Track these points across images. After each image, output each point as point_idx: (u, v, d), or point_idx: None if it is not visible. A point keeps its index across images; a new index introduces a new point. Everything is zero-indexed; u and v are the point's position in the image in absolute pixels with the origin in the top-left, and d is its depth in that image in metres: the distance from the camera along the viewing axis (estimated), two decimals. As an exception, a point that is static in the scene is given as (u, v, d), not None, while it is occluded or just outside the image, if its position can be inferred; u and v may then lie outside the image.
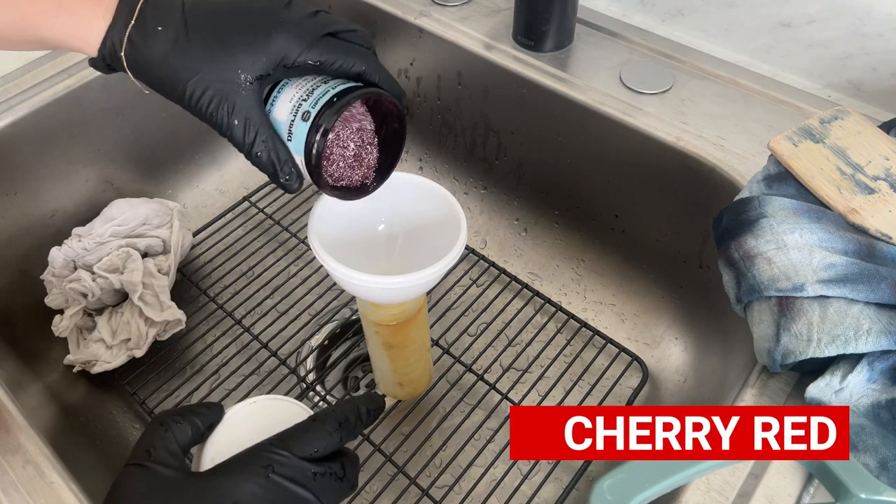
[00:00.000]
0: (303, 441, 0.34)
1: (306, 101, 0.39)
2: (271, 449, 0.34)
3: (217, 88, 0.38)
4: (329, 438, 0.35)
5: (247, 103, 0.38)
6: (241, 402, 0.39)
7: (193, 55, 0.38)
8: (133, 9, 0.38)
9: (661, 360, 0.67)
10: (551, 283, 0.75)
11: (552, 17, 0.66)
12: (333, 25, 0.40)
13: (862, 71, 0.61)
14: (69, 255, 0.67)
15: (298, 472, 0.33)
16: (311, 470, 0.34)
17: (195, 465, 0.36)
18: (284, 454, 0.33)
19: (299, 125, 0.39)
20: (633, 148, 0.63)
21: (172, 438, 0.34)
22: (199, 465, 0.36)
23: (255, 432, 0.35)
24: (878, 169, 0.47)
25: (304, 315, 0.71)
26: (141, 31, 0.38)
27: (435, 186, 0.49)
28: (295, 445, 0.34)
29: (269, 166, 0.39)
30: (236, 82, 0.38)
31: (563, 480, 0.60)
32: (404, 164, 0.84)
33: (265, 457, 0.33)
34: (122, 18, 0.38)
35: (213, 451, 0.36)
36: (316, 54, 0.38)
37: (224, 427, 0.37)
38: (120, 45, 0.38)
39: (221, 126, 0.38)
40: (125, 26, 0.38)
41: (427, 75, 0.78)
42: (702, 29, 0.69)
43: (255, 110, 0.38)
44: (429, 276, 0.44)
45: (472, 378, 0.65)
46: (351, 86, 0.40)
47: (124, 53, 0.38)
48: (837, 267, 0.41)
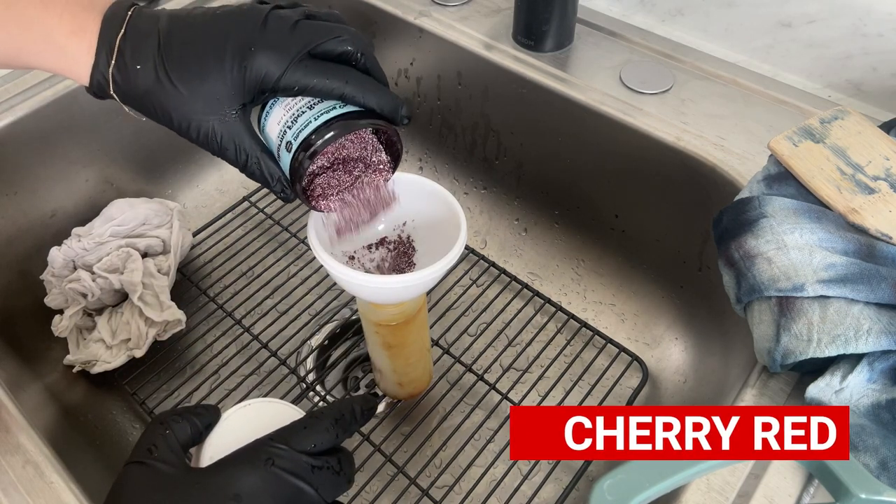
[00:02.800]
0: (301, 436, 0.35)
1: (290, 129, 0.39)
2: (271, 443, 0.34)
3: (202, 120, 0.38)
4: (326, 434, 0.36)
5: (234, 130, 0.39)
6: (238, 404, 0.39)
7: (174, 92, 0.38)
8: (112, 46, 0.38)
9: (661, 360, 0.67)
10: (551, 283, 0.75)
11: (552, 17, 0.66)
12: (315, 40, 0.38)
13: (862, 71, 0.61)
14: (69, 255, 0.67)
15: (298, 465, 0.34)
16: (310, 463, 0.34)
17: (194, 464, 0.37)
18: (284, 448, 0.34)
19: (284, 154, 0.40)
20: (633, 148, 0.63)
21: (173, 437, 0.35)
22: (199, 463, 0.36)
23: (252, 433, 0.36)
24: (878, 169, 0.47)
25: (304, 315, 0.71)
26: (122, 71, 0.38)
27: (435, 186, 0.49)
28: (293, 440, 0.35)
29: (262, 182, 0.41)
30: (220, 113, 0.38)
31: (563, 480, 0.60)
32: (404, 164, 0.84)
33: (265, 450, 0.34)
34: (103, 57, 0.38)
35: (211, 451, 0.36)
36: (294, 79, 0.37)
37: (221, 428, 0.38)
38: (106, 83, 0.39)
39: (214, 151, 0.39)
40: (107, 65, 0.38)
41: (427, 75, 0.78)
42: (702, 29, 0.69)
43: (244, 135, 0.39)
44: (428, 275, 0.44)
45: (472, 378, 0.64)
46: (334, 116, 0.39)
47: (112, 90, 0.39)
48: (837, 267, 0.41)
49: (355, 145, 0.43)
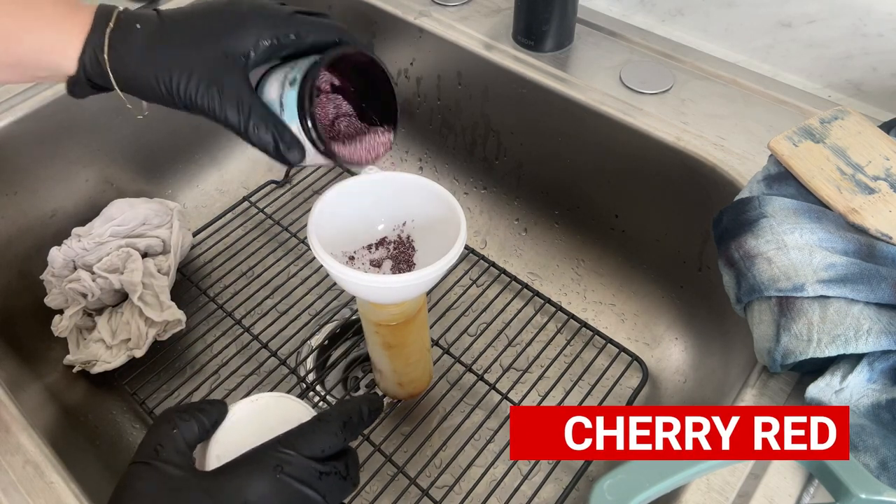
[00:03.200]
0: (310, 441, 0.35)
1: (291, 72, 0.40)
2: (279, 448, 0.34)
3: (203, 72, 0.38)
4: (335, 439, 0.36)
5: (236, 83, 0.38)
6: (245, 398, 0.39)
7: (175, 43, 0.38)
8: (109, 17, 0.39)
9: (661, 360, 0.67)
10: (551, 283, 0.75)
11: (552, 17, 0.66)
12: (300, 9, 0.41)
13: (862, 71, 0.61)
14: (69, 255, 0.67)
15: (306, 471, 0.34)
16: (318, 470, 0.34)
17: (199, 462, 0.36)
18: (292, 454, 0.34)
19: (289, 94, 0.40)
20: (633, 148, 0.63)
21: (180, 436, 0.35)
22: (205, 463, 0.36)
23: (259, 431, 0.35)
24: (878, 169, 0.47)
25: (304, 315, 0.71)
26: (121, 33, 0.38)
27: (435, 186, 0.49)
28: (302, 445, 0.34)
29: (268, 140, 0.39)
30: (222, 63, 0.38)
31: (563, 480, 0.60)
32: (404, 164, 0.84)
33: (273, 456, 0.34)
34: (99, 27, 0.39)
35: (218, 449, 0.36)
36: (290, 27, 0.39)
37: (228, 425, 0.37)
38: (101, 48, 0.38)
39: (214, 111, 0.38)
40: (103, 33, 0.38)
41: (427, 75, 0.78)
42: (702, 29, 0.69)
43: (245, 89, 0.39)
44: (428, 275, 0.44)
45: (472, 378, 0.64)
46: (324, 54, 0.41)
47: (107, 56, 0.38)
48: (837, 267, 0.41)
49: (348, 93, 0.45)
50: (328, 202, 0.47)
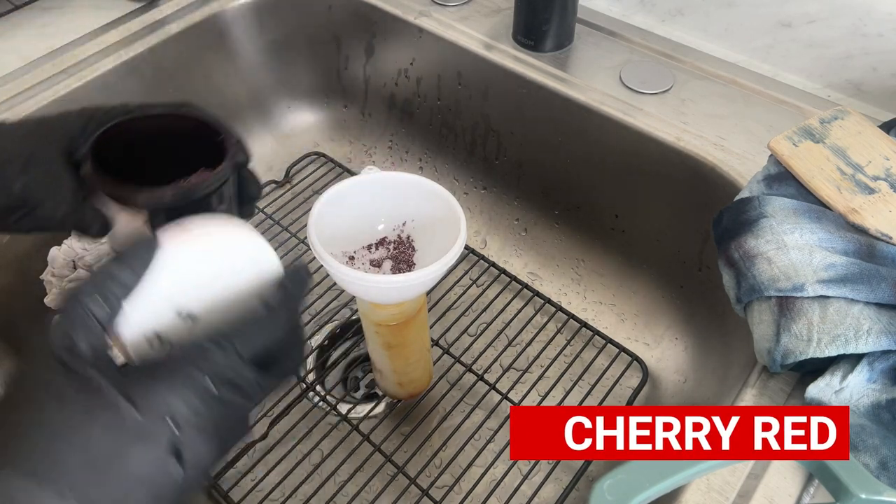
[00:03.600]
0: (252, 338, 0.29)
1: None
2: (213, 348, 0.28)
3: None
4: (280, 332, 0.31)
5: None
6: (177, 228, 0.30)
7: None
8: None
9: (661, 360, 0.67)
10: (551, 283, 0.75)
11: (552, 17, 0.67)
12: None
13: (862, 71, 0.61)
14: (69, 255, 0.67)
15: (243, 379, 0.28)
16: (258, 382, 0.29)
17: (115, 341, 0.29)
18: (231, 357, 0.28)
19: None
20: (633, 148, 0.63)
21: (96, 324, 0.27)
22: (123, 340, 0.29)
23: (195, 287, 0.29)
24: (878, 169, 0.47)
25: (303, 315, 0.71)
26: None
27: (435, 186, 0.49)
28: (243, 343, 0.29)
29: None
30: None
31: (563, 480, 0.60)
32: (404, 164, 0.84)
33: (207, 359, 0.28)
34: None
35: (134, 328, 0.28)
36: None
37: (155, 277, 0.29)
38: None
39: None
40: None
41: (427, 75, 0.78)
42: (702, 29, 0.69)
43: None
44: (428, 275, 0.44)
45: (472, 378, 0.64)
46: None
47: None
48: (837, 267, 0.41)
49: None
50: (328, 202, 0.47)
